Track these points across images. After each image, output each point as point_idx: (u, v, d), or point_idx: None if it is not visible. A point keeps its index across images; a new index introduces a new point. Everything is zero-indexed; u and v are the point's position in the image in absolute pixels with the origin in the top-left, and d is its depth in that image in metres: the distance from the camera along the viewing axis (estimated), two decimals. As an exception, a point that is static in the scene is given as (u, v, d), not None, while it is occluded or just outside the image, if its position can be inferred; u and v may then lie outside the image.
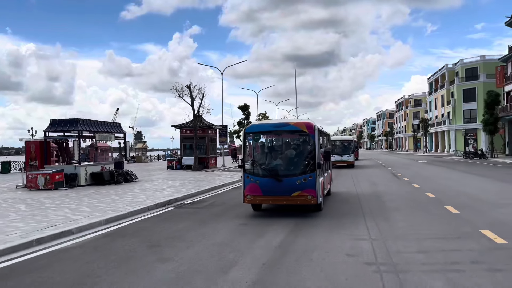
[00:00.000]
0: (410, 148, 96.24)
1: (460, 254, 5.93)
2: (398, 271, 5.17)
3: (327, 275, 5.12)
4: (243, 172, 9.57)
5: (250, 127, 10.04)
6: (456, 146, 62.39)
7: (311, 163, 9.27)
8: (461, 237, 7.03)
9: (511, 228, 7.63)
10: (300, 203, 9.30)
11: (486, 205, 10.41)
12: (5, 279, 5.41)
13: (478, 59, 63.19)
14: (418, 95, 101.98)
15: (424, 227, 7.91)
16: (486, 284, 4.67)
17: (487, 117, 41.60)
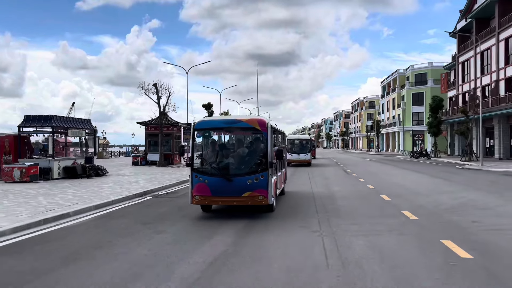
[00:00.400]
0: (364, 147, 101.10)
1: (382, 226, 7.99)
2: (335, 236, 7.11)
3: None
4: (191, 171, 9.09)
5: (199, 123, 9.50)
6: (405, 146, 66.82)
7: (263, 162, 8.96)
8: (386, 215, 9.15)
9: (426, 210, 9.86)
10: (251, 204, 8.93)
11: (413, 195, 12.74)
12: (31, 245, 6.86)
13: (427, 66, 67.81)
14: (372, 97, 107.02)
15: (361, 210, 9.98)
16: (392, 241, 6.71)
17: (431, 120, 45.43)
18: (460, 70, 46.83)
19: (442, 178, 18.97)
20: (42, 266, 5.61)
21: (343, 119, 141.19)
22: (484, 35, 40.02)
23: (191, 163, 9.12)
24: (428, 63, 68.27)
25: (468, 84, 43.36)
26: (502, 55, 36.73)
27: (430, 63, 67.95)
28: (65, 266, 5.60)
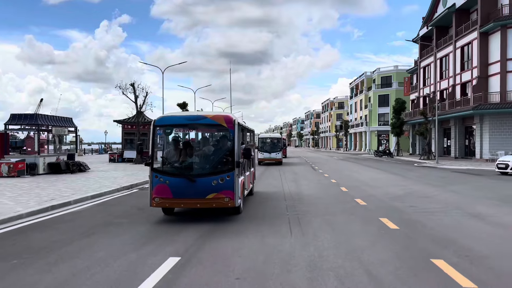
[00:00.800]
0: (333, 146, 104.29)
1: (337, 209, 9.85)
2: (299, 216, 8.88)
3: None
4: (150, 171, 8.44)
5: (160, 119, 8.83)
6: (371, 146, 69.96)
7: (230, 161, 8.47)
8: (342, 202, 11.03)
9: (375, 198, 11.80)
10: (216, 206, 8.43)
11: (368, 187, 14.74)
12: (52, 224, 8.30)
13: (392, 69, 71.14)
14: (341, 98, 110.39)
15: (321, 199, 11.81)
16: (342, 219, 8.54)
17: (394, 121, 48.32)
18: (421, 74, 49.94)
19: (398, 174, 21.21)
20: (67, 238, 7.10)
21: (314, 118, 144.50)
22: (443, 42, 43.09)
23: (151, 162, 8.47)
24: (393, 66, 71.63)
25: (429, 88, 46.45)
26: (458, 62, 39.77)
27: (395, 66, 71.32)
28: (86, 237, 7.12)
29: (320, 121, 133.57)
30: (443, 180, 18.24)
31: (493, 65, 34.32)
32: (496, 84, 33.83)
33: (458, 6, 39.29)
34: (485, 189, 14.51)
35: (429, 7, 46.94)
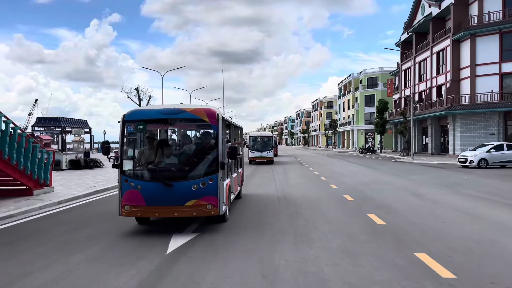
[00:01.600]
0: (323, 144, 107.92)
1: (313, 190, 13.11)
2: (287, 198, 12.12)
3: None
4: (119, 174, 7.43)
5: (131, 114, 7.71)
6: (358, 143, 73.57)
7: (213, 162, 7.49)
8: (319, 186, 14.31)
9: (345, 184, 15.07)
10: (196, 215, 7.41)
11: (343, 177, 18.05)
12: (110, 200, 11.42)
13: (377, 70, 74.75)
14: (331, 97, 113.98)
15: (305, 186, 15.03)
16: (315, 195, 11.78)
17: (378, 120, 51.83)
18: (402, 76, 53.53)
19: (372, 168, 24.59)
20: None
21: (304, 117, 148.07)
22: (421, 47, 46.67)
23: (120, 164, 7.42)
24: (379, 68, 75.25)
25: (409, 90, 50.01)
26: (434, 66, 43.36)
27: (380, 68, 74.93)
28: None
29: (310, 119, 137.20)
30: (408, 171, 21.62)
31: (464, 69, 37.91)
32: (466, 87, 37.42)
33: (435, 15, 42.83)
34: (437, 178, 17.89)
35: (409, 14, 50.48)
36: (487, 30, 35.98)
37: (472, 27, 36.88)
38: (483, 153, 23.94)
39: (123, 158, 7.47)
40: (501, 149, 23.95)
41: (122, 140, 7.55)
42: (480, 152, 24.15)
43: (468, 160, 24.12)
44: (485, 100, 35.91)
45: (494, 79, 35.87)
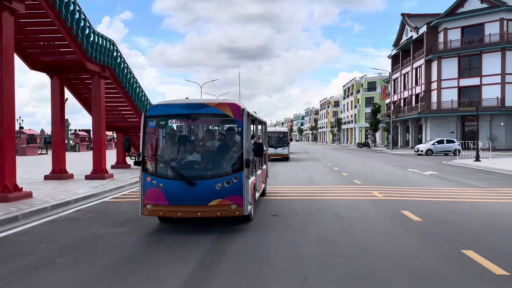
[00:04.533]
0: (329, 140, 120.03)
1: (317, 167, 25.54)
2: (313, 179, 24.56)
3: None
4: (141, 172, 7.18)
5: (152, 108, 7.38)
6: (359, 140, 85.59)
7: (237, 159, 7.15)
8: (320, 165, 26.70)
9: (333, 162, 27.38)
10: (220, 215, 7.07)
11: (334, 160, 30.37)
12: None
13: (376, 76, 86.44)
14: (337, 97, 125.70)
15: (309, 162, 27.35)
16: (312, 164, 24.19)
17: (372, 120, 63.89)
18: (393, 84, 65.46)
19: (356, 155, 36.88)
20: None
21: (313, 115, 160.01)
22: (405, 62, 58.59)
23: (142, 161, 7.17)
24: (377, 73, 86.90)
25: (397, 95, 61.99)
26: (414, 78, 55.31)
27: (379, 73, 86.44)
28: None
29: (318, 117, 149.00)
30: (377, 157, 33.87)
31: (433, 83, 49.85)
32: (435, 96, 49.36)
33: (414, 38, 54.67)
34: (389, 159, 30.08)
35: (397, 34, 62.30)
36: (449, 54, 47.88)
37: (439, 51, 48.78)
38: (429, 145, 36.17)
39: (145, 155, 7.18)
40: (442, 142, 36.13)
41: (144, 136, 7.24)
42: (428, 144, 36.38)
43: (419, 150, 36.32)
44: (448, 106, 47.81)
45: (454, 91, 47.84)
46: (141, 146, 7.28)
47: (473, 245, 6.29)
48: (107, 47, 15.49)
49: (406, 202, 10.50)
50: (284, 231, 7.33)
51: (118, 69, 16.52)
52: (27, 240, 6.96)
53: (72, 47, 13.63)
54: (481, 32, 46.54)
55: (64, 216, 9.10)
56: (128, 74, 17.56)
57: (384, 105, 69.95)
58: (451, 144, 36.02)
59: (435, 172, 19.48)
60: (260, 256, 5.86)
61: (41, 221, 8.51)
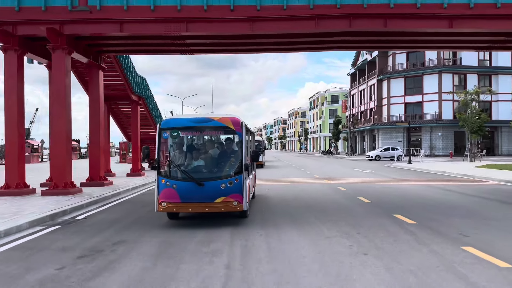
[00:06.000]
0: (297, 148, 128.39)
1: (288, 169, 32.77)
2: (285, 176, 31.70)
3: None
4: (157, 175, 8.53)
5: (166, 122, 8.90)
6: (324, 148, 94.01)
7: (238, 164, 8.59)
8: (289, 166, 33.96)
9: (312, 170, 34.67)
10: (224, 210, 8.47)
11: (298, 163, 37.73)
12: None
13: (338, 90, 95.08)
14: (304, 108, 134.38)
15: (282, 166, 34.55)
16: (285, 167, 31.43)
17: (334, 131, 72.16)
18: (351, 99, 74.13)
19: (317, 160, 44.45)
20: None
21: (281, 124, 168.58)
22: (361, 80, 67.31)
23: (157, 167, 8.56)
24: (339, 88, 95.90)
25: (355, 109, 70.59)
26: (368, 95, 63.97)
27: (341, 88, 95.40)
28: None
29: (286, 127, 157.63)
30: (336, 162, 41.53)
31: (384, 99, 58.49)
32: (385, 110, 57.97)
33: (369, 60, 63.40)
34: (343, 163, 37.69)
35: (354, 56, 71.09)
36: (397, 75, 56.68)
37: (388, 72, 57.52)
38: (377, 152, 44.33)
39: (159, 161, 8.52)
40: (388, 150, 44.34)
41: (159, 145, 8.65)
42: (376, 151, 44.54)
43: (370, 156, 44.36)
44: (396, 119, 56.42)
45: (401, 106, 56.60)
46: (157, 153, 8.71)
47: (364, 195, 13.53)
48: (142, 83, 22.15)
49: (342, 183, 17.80)
50: (275, 195, 14.34)
51: (147, 98, 23.19)
52: (144, 199, 13.64)
53: (125, 85, 20.27)
54: (422, 58, 55.50)
55: (141, 193, 15.76)
56: (153, 101, 24.24)
57: (344, 117, 78.51)
58: (395, 151, 44.27)
59: (372, 171, 27.06)
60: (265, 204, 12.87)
61: (133, 194, 15.16)
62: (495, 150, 54.84)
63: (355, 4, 13.19)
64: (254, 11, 13.25)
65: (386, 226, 8.52)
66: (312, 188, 16.33)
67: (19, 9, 13.27)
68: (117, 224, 9.28)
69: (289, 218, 9.68)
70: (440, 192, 14.85)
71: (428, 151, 53.08)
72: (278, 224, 8.99)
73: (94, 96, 16.48)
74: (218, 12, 13.30)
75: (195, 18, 13.44)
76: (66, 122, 13.88)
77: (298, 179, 21.34)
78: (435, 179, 20.18)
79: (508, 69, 54.18)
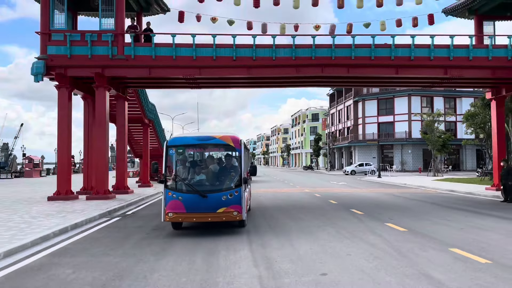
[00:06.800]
0: (280, 164, 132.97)
1: (272, 180, 37.16)
2: (271, 187, 36.05)
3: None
4: (164, 188, 9.35)
5: (172, 140, 9.85)
6: (305, 163, 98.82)
7: (237, 178, 9.40)
8: (273, 180, 38.34)
9: (295, 182, 39.08)
10: (225, 220, 9.34)
11: (282, 177, 42.15)
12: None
13: (319, 109, 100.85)
14: (286, 125, 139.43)
15: (268, 181, 38.90)
16: (274, 184, 35.80)
17: (314, 147, 77.06)
18: (330, 118, 79.46)
19: (299, 174, 48.96)
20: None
21: (264, 140, 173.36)
22: (340, 101, 72.69)
23: (164, 180, 9.31)
24: (320, 107, 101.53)
25: (334, 127, 75.80)
26: (345, 114, 69.27)
27: (321, 107, 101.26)
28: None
29: (269, 142, 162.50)
30: (316, 176, 46.07)
31: (359, 119, 63.78)
32: (361, 129, 63.20)
33: (346, 82, 68.83)
34: (321, 177, 42.25)
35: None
36: (371, 97, 62.13)
37: (363, 94, 62.94)
38: (353, 167, 49.26)
39: (166, 176, 9.35)
40: (362, 165, 49.27)
41: (166, 161, 9.49)
42: (352, 167, 49.48)
43: (346, 171, 49.14)
44: (370, 137, 61.62)
45: (375, 125, 61.93)
46: (164, 168, 9.39)
47: (333, 199, 17.97)
48: (153, 109, 26.37)
49: (318, 192, 22.24)
50: (267, 198, 18.64)
51: (155, 121, 27.40)
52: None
53: (140, 111, 24.43)
54: (393, 81, 61.14)
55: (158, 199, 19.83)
56: (159, 123, 28.44)
57: (324, 134, 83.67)
58: (369, 166, 49.22)
59: (345, 183, 31.65)
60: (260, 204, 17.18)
61: (153, 200, 19.22)
62: (461, 166, 60.40)
63: (326, 56, 17.83)
64: (250, 61, 17.73)
65: (343, 215, 12.96)
66: (295, 194, 20.73)
67: (70, 56, 17.41)
68: (159, 216, 13.30)
69: (279, 211, 14.04)
70: (391, 197, 19.44)
71: (399, 166, 58.30)
72: (272, 214, 13.38)
73: (121, 122, 20.55)
74: (223, 61, 17.74)
75: (206, 65, 17.82)
76: (105, 143, 17.98)
77: (284, 189, 25.75)
78: (393, 189, 24.84)
79: (471, 93, 60.16)
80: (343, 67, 18.14)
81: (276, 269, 6.64)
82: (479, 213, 13.49)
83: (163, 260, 7.33)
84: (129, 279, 6.20)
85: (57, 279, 6.28)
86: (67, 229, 10.42)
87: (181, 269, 6.74)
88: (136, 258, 7.50)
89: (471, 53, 18.11)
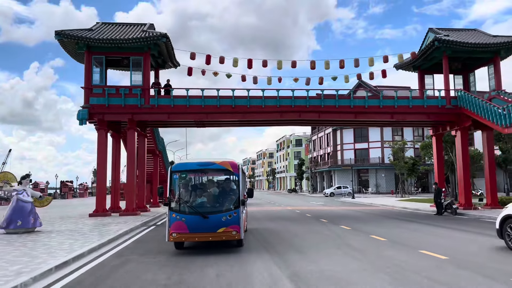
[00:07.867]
0: (266, 187, 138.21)
1: (260, 202, 42.60)
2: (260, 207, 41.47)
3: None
4: (168, 210, 9.96)
5: (176, 166, 10.50)
6: (290, 186, 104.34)
7: (236, 200, 10.05)
8: (261, 203, 43.75)
9: (280, 203, 44.44)
10: (225, 239, 9.96)
11: (269, 199, 47.56)
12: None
13: (302, 135, 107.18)
14: (271, 150, 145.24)
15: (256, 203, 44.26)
16: (262, 204, 41.25)
17: (298, 171, 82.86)
18: (312, 144, 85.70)
19: (284, 197, 54.45)
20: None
21: (250, 164, 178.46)
22: (320, 128, 79.07)
23: (169, 203, 9.96)
24: (303, 133, 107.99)
25: (316, 152, 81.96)
26: (325, 141, 75.57)
27: (304, 132, 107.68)
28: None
29: (255, 166, 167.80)
30: (299, 198, 51.57)
31: (338, 145, 70.04)
32: (339, 155, 69.38)
33: (326, 112, 75.39)
34: (304, 199, 47.78)
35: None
36: (347, 127, 68.54)
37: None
38: (332, 189, 55.06)
39: (170, 199, 10.03)
40: (340, 188, 55.10)
41: (170, 185, 10.18)
42: (331, 189, 55.30)
43: (326, 193, 54.91)
44: (348, 163, 67.78)
45: (352, 151, 68.21)
46: (168, 192, 10.16)
47: (309, 213, 23.55)
48: (162, 142, 31.90)
49: (299, 209, 27.79)
50: (259, 214, 24.10)
51: (163, 151, 32.89)
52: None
53: (153, 144, 29.90)
54: (368, 111, 67.83)
55: (176, 215, 25.17)
56: (166, 152, 33.91)
57: (307, 159, 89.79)
58: (346, 189, 55.09)
59: (322, 203, 37.28)
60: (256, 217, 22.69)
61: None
62: (429, 188, 66.70)
63: (302, 105, 23.74)
64: (245, 108, 23.51)
65: (313, 222, 18.56)
66: (280, 211, 26.29)
67: (108, 105, 22.90)
68: (184, 225, 18.84)
69: (269, 221, 19.57)
70: (354, 212, 25.13)
71: (374, 189, 64.35)
72: (264, 223, 18.89)
73: (141, 155, 25.90)
74: (225, 108, 23.47)
75: (211, 112, 23.53)
76: (134, 171, 23.35)
77: (271, 208, 31.26)
78: (360, 207, 30.57)
79: (436, 122, 67.13)
80: (315, 113, 24.07)
81: (270, 241, 12.11)
82: (411, 221, 19.14)
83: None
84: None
85: (148, 246, 11.62)
86: (127, 232, 15.67)
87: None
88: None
89: (410, 102, 24.28)
